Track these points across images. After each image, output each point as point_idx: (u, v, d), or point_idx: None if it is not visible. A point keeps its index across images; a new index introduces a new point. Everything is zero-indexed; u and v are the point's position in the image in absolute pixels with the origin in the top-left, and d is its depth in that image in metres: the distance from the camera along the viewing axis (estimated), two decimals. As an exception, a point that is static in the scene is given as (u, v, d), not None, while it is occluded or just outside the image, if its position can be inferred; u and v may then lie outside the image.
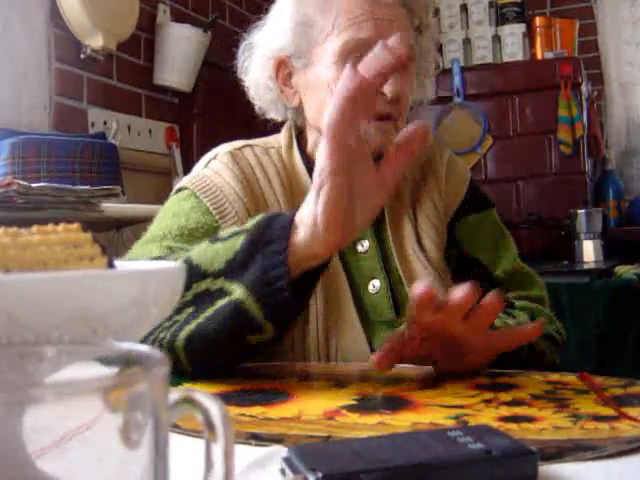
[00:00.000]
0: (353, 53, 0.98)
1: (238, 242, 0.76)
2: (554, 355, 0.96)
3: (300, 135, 1.11)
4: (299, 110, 1.09)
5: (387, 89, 0.97)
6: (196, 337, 0.75)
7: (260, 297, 0.73)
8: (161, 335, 0.77)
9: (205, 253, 0.77)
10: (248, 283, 0.73)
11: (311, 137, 1.09)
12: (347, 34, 0.99)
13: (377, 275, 1.03)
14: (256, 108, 1.13)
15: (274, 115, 1.13)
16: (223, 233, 0.80)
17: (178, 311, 0.76)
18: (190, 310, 0.76)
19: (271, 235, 0.74)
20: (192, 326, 0.75)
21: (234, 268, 0.75)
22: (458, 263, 1.08)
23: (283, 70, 1.06)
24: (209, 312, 0.75)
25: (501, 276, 1.05)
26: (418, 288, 0.71)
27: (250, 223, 0.77)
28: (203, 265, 0.76)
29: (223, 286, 0.75)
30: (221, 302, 0.75)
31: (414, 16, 1.05)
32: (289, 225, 0.73)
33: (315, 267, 0.75)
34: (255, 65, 1.09)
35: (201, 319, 0.75)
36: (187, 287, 0.75)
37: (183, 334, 0.76)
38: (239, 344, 0.76)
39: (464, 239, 1.09)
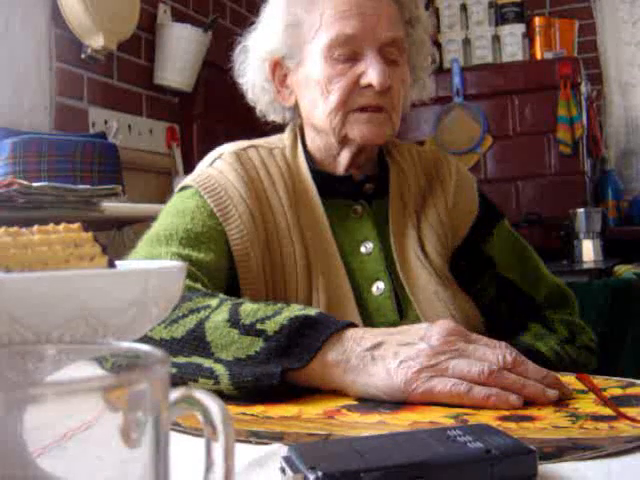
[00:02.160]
0: (340, 49, 0.99)
1: (255, 347, 0.72)
2: (592, 364, 1.01)
3: (303, 136, 1.11)
4: (296, 110, 1.09)
5: (375, 81, 0.97)
6: None
7: (239, 388, 0.71)
8: None
9: (220, 335, 0.74)
10: (239, 380, 0.71)
11: (309, 136, 1.09)
12: (334, 30, 0.99)
13: (381, 277, 1.02)
14: (257, 111, 1.14)
15: (274, 117, 1.13)
16: (246, 314, 0.76)
17: None
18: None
19: (289, 361, 0.71)
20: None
21: (237, 367, 0.72)
22: (494, 282, 1.09)
23: (279, 71, 1.07)
24: (184, 370, 0.74)
25: (542, 301, 1.09)
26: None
27: (273, 327, 0.73)
28: (213, 347, 0.74)
29: (217, 371, 0.73)
30: (202, 379, 0.73)
31: (404, 9, 1.05)
32: (315, 352, 0.70)
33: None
34: (251, 67, 1.10)
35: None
36: (186, 353, 0.74)
37: None
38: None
39: (493, 258, 1.10)
